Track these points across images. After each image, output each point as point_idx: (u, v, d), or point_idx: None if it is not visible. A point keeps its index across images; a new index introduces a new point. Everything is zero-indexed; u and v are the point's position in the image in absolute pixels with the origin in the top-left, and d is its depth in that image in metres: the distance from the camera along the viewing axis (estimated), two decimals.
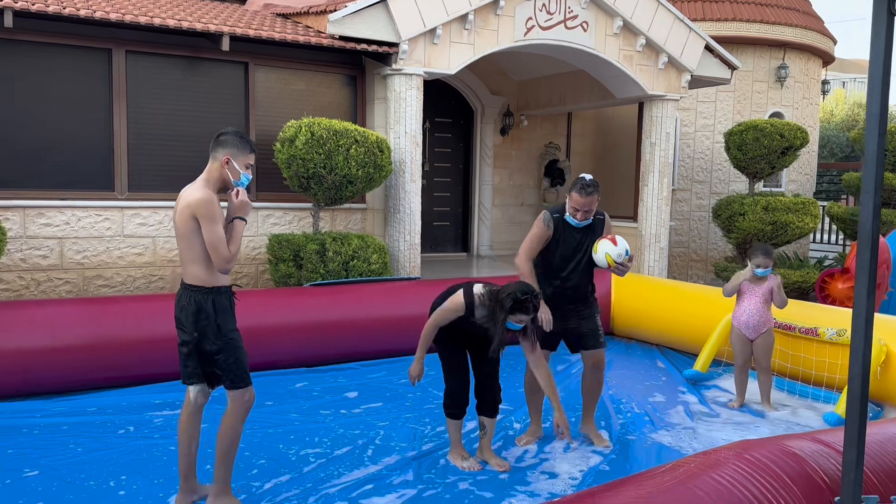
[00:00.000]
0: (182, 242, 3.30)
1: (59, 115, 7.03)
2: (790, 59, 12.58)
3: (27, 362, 5.07)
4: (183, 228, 3.27)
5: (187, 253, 3.30)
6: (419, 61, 7.86)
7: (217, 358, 3.33)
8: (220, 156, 3.33)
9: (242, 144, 3.36)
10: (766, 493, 2.28)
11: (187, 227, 3.25)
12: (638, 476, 2.38)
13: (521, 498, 3.78)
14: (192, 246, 3.27)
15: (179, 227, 3.29)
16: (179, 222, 3.28)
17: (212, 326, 3.30)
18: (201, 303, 3.29)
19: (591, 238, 4.45)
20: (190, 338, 3.32)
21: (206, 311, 3.29)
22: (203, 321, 3.29)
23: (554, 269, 4.49)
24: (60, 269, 6.99)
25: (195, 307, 3.29)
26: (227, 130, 3.41)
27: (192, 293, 3.30)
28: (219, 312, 3.32)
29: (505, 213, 11.99)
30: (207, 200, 3.21)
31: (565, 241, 4.44)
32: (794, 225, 9.56)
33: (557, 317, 4.41)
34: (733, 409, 5.43)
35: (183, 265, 3.35)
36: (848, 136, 25.78)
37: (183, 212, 3.25)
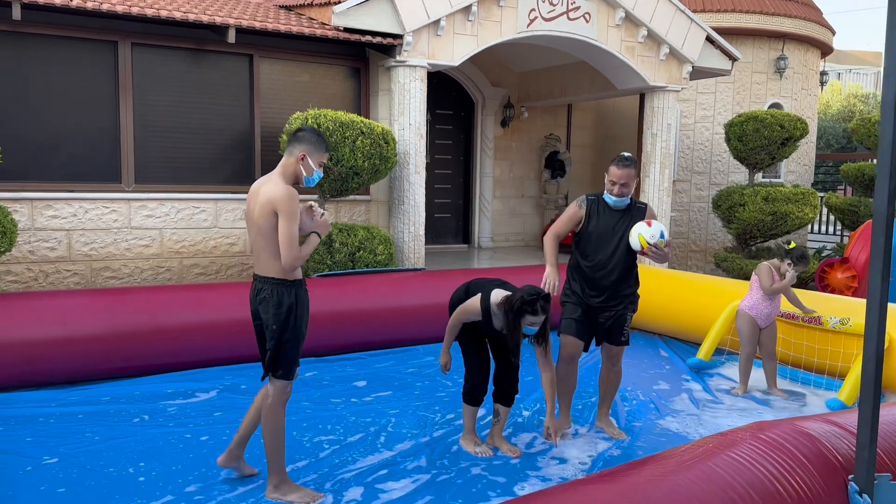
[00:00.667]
0: (260, 236, 3.35)
1: (66, 107, 7.05)
2: (789, 50, 12.64)
3: (40, 352, 5.12)
4: (263, 223, 3.32)
5: (266, 247, 3.34)
6: (423, 53, 7.89)
7: (285, 347, 3.40)
8: (296, 151, 3.40)
9: (319, 143, 3.44)
10: (783, 471, 2.35)
11: (269, 222, 3.30)
12: (658, 455, 2.45)
13: (532, 482, 3.85)
14: (272, 240, 3.32)
15: (259, 221, 3.33)
16: (259, 217, 3.32)
17: (290, 319, 3.37)
18: (283, 295, 3.36)
19: (628, 224, 4.23)
20: (267, 330, 3.40)
21: (288, 304, 3.36)
22: (284, 313, 3.35)
23: (586, 253, 4.31)
24: (68, 261, 7.03)
25: (277, 299, 3.35)
26: (305, 128, 3.49)
27: (273, 286, 3.36)
28: (299, 305, 3.40)
29: (505, 205, 12.05)
30: (290, 197, 3.27)
31: (599, 224, 4.26)
32: (793, 215, 9.64)
33: (587, 307, 4.34)
34: (737, 397, 5.52)
35: (258, 259, 3.40)
36: (846, 126, 25.89)
37: (265, 207, 3.30)
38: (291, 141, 3.44)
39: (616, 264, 4.27)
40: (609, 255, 4.26)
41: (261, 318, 3.45)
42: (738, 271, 9.63)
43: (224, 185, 7.79)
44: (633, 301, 4.42)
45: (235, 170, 7.89)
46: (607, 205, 4.31)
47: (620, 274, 4.29)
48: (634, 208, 4.33)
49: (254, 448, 3.93)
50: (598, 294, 4.33)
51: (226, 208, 7.73)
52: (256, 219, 3.35)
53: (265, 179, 3.44)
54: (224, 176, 7.83)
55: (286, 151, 3.44)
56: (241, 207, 7.82)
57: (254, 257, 3.46)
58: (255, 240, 3.40)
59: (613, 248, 4.25)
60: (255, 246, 3.41)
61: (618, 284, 4.31)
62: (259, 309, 3.43)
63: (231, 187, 7.81)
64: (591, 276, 4.32)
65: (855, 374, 5.22)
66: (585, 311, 4.37)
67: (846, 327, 5.66)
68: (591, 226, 4.29)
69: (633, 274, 4.39)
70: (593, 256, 4.29)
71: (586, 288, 4.35)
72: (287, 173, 3.40)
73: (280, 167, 3.43)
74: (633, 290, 4.42)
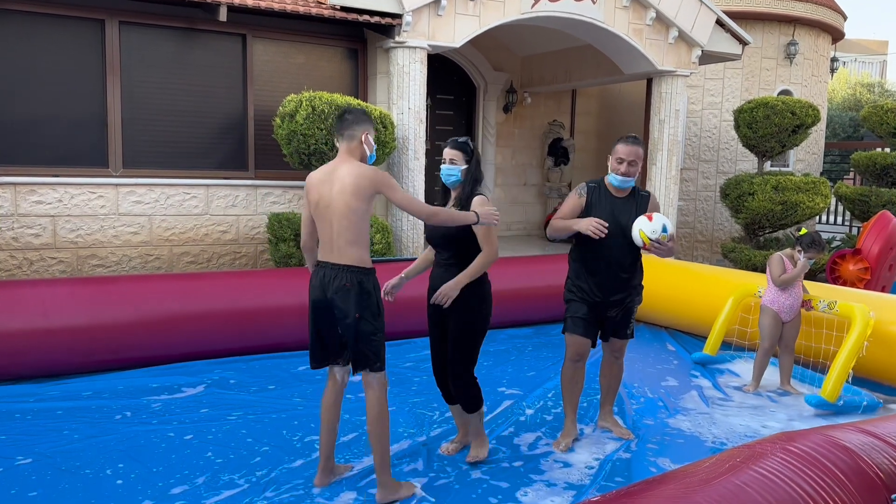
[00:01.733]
0: (343, 222, 3.27)
1: (51, 88, 6.77)
2: (800, 36, 12.32)
3: (19, 344, 4.88)
4: (351, 209, 3.25)
5: (349, 234, 3.27)
6: (423, 34, 7.60)
7: (373, 339, 3.31)
8: (358, 133, 3.37)
9: (371, 119, 3.46)
10: (819, 489, 2.11)
11: (359, 207, 3.26)
12: (681, 471, 2.20)
13: (536, 487, 3.62)
14: (357, 226, 3.28)
15: (351, 203, 3.25)
16: (353, 199, 3.25)
17: (373, 307, 3.30)
18: (364, 283, 3.28)
19: (629, 210, 3.97)
20: (347, 320, 3.27)
21: (369, 291, 3.29)
22: (365, 301, 3.27)
23: (589, 244, 3.95)
24: (53, 248, 6.78)
25: (359, 287, 3.26)
26: (352, 109, 3.44)
27: (353, 273, 3.27)
28: (377, 292, 3.35)
29: (507, 193, 11.78)
30: (384, 173, 3.30)
31: (600, 212, 3.95)
32: (804, 205, 9.37)
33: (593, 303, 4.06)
34: (747, 394, 5.28)
35: (335, 248, 3.30)
36: (853, 115, 25.55)
37: (363, 187, 3.25)
38: (345, 125, 3.38)
39: (620, 254, 3.98)
40: (612, 245, 3.94)
41: (336, 308, 3.29)
42: (745, 262, 9.37)
43: (216, 170, 7.53)
44: (639, 292, 4.18)
45: (228, 154, 7.62)
46: (609, 192, 4.04)
47: (625, 264, 4.02)
48: (638, 196, 4.06)
49: (242, 447, 3.69)
50: (603, 287, 4.03)
51: (218, 194, 7.47)
52: (347, 200, 3.25)
53: (335, 167, 3.35)
54: (216, 161, 7.56)
55: (343, 136, 3.38)
56: (233, 194, 7.56)
57: (325, 245, 3.34)
58: (331, 226, 3.29)
59: (618, 238, 3.93)
60: (330, 233, 3.30)
61: (623, 275, 4.03)
62: (335, 298, 3.28)
63: (223, 173, 7.55)
64: (595, 269, 4.03)
65: (837, 367, 4.84)
66: (591, 307, 4.08)
67: (833, 311, 5.35)
68: (592, 215, 3.97)
69: (638, 264, 4.12)
70: (596, 247, 3.95)
71: (591, 282, 4.05)
72: (355, 156, 3.38)
73: (345, 153, 3.38)
74: (639, 281, 4.16)
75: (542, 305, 7.03)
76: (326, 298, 3.31)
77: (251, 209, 7.66)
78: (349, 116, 3.38)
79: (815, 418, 4.76)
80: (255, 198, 7.67)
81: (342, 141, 3.39)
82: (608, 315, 4.12)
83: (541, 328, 7.01)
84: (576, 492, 3.59)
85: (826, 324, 5.54)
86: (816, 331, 5.57)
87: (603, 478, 3.76)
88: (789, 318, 5.29)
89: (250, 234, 7.69)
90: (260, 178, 7.72)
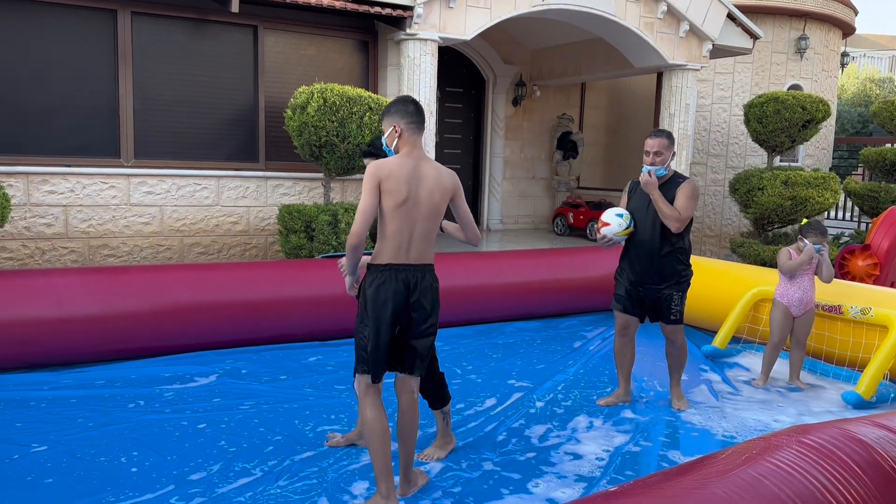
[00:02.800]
0: (431, 223, 3.20)
1: (63, 78, 6.80)
2: (810, 30, 12.26)
3: (33, 333, 4.91)
4: (439, 211, 3.21)
5: (432, 234, 3.23)
6: (434, 26, 7.59)
7: (431, 341, 3.29)
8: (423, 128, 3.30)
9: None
10: (834, 481, 2.12)
11: (444, 208, 3.23)
12: (698, 462, 2.21)
13: (548, 479, 3.64)
14: (437, 227, 3.26)
15: (440, 207, 3.21)
16: (442, 202, 3.21)
17: (438, 305, 3.29)
18: (437, 281, 3.29)
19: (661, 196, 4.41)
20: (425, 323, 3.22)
21: (438, 290, 3.29)
22: (437, 300, 3.28)
23: None
24: (65, 238, 6.81)
25: (437, 286, 3.27)
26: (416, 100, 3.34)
27: (432, 273, 3.25)
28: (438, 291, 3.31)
29: (516, 187, 11.77)
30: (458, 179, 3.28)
31: (635, 201, 4.53)
32: (813, 200, 9.33)
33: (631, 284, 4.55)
34: (757, 388, 5.29)
35: (419, 249, 3.18)
36: (866, 110, 25.41)
37: (447, 192, 3.22)
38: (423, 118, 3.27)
39: (647, 240, 4.42)
40: (641, 232, 4.45)
41: (421, 309, 3.17)
42: (754, 257, 9.35)
43: (227, 161, 7.55)
44: (677, 281, 4.48)
45: (239, 146, 7.64)
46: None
47: (653, 251, 4.42)
48: (670, 183, 4.45)
49: (255, 437, 3.72)
50: (635, 270, 4.52)
51: (228, 186, 7.50)
52: (437, 203, 3.18)
53: (417, 162, 3.18)
54: (227, 152, 7.59)
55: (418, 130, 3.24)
56: (243, 185, 7.58)
57: (402, 245, 3.13)
58: (419, 225, 3.15)
59: (644, 224, 4.44)
60: (412, 232, 3.14)
61: (652, 261, 4.43)
62: (422, 300, 3.17)
63: (234, 164, 7.57)
64: (632, 254, 4.54)
65: (875, 366, 4.96)
66: (630, 287, 4.58)
67: (867, 317, 5.39)
68: (630, 204, 4.55)
69: (670, 254, 4.43)
70: (634, 234, 4.49)
71: (628, 265, 4.58)
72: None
73: (421, 148, 3.26)
74: (679, 270, 4.47)
75: (550, 299, 7.04)
76: (410, 302, 3.14)
77: (261, 200, 7.68)
78: (420, 107, 3.27)
79: (825, 413, 4.76)
80: (265, 189, 7.70)
81: (417, 135, 3.21)
82: (643, 297, 4.54)
83: (549, 322, 7.02)
84: (586, 484, 3.61)
85: (852, 331, 5.51)
86: (842, 338, 5.55)
87: (613, 470, 3.77)
88: (799, 312, 5.28)
89: (260, 226, 7.72)
90: (270, 170, 7.74)
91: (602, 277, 7.23)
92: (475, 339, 6.27)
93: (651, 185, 4.37)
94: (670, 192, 4.39)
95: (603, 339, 6.45)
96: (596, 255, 7.49)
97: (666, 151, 4.37)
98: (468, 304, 6.60)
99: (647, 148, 4.42)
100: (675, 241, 4.40)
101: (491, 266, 6.85)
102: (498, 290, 6.75)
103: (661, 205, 4.32)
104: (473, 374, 5.32)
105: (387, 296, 3.11)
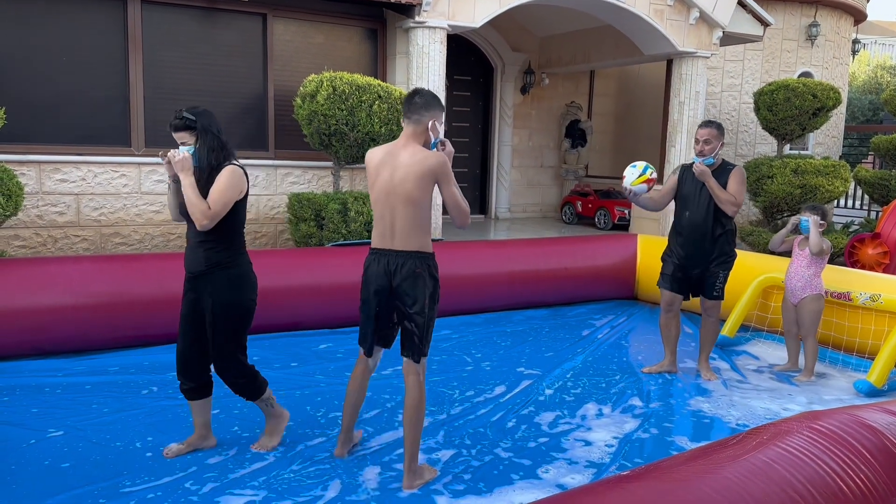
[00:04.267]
0: (408, 209, 3.21)
1: (74, 67, 6.83)
2: (821, 17, 12.17)
3: (47, 320, 4.96)
4: (418, 194, 3.20)
5: (414, 220, 3.23)
6: (443, 13, 7.58)
7: (428, 326, 3.30)
8: (426, 119, 3.27)
9: (441, 104, 3.36)
10: (845, 466, 2.14)
11: (425, 192, 3.21)
12: (710, 447, 2.24)
13: (558, 465, 3.67)
14: (421, 212, 3.24)
15: (412, 193, 3.19)
16: (415, 189, 3.19)
17: (436, 294, 3.31)
18: (431, 269, 3.28)
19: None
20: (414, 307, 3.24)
21: (434, 277, 3.29)
22: (429, 287, 3.26)
23: (677, 213, 4.97)
24: (77, 226, 6.86)
25: (428, 273, 3.26)
26: (423, 91, 3.32)
27: (421, 259, 3.25)
28: (437, 278, 3.32)
29: (524, 175, 11.77)
30: (445, 162, 3.21)
31: (685, 186, 4.88)
32: (823, 188, 9.30)
33: (679, 263, 4.92)
34: (765, 376, 5.30)
35: (398, 235, 3.24)
36: (876, 98, 25.21)
37: (424, 176, 3.18)
38: (414, 108, 3.26)
39: (700, 223, 4.79)
40: (694, 215, 4.80)
41: (405, 294, 3.24)
42: (763, 245, 9.33)
43: (237, 150, 7.55)
44: (724, 260, 4.87)
45: (248, 134, 7.67)
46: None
47: (705, 232, 4.80)
48: (721, 170, 4.78)
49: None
50: (686, 250, 4.89)
51: None
52: (408, 189, 3.19)
53: (393, 148, 3.27)
54: (236, 140, 7.61)
55: (411, 119, 3.26)
56: (253, 174, 7.61)
57: (385, 231, 3.26)
58: (396, 211, 3.22)
59: (697, 208, 4.79)
60: (393, 217, 3.23)
61: (704, 242, 4.82)
62: (403, 285, 3.23)
63: (244, 152, 7.59)
64: (681, 234, 4.91)
65: (886, 353, 4.95)
66: (677, 266, 4.95)
67: (877, 304, 5.38)
68: (680, 189, 4.91)
69: (722, 235, 4.81)
70: (682, 216, 4.88)
71: (677, 245, 4.94)
72: (419, 141, 3.28)
73: (412, 136, 3.27)
74: (725, 250, 4.85)
75: (559, 287, 7.06)
76: (391, 286, 3.25)
77: (271, 189, 7.71)
78: (419, 100, 3.27)
79: (836, 402, 4.77)
80: (274, 178, 7.72)
81: (409, 124, 3.27)
82: (691, 274, 4.92)
83: (557, 310, 7.04)
84: (596, 470, 3.64)
85: (861, 318, 5.50)
86: (850, 325, 5.56)
87: (623, 456, 3.80)
88: (795, 300, 5.28)
89: (270, 214, 7.75)
90: (280, 159, 7.76)
91: (610, 266, 7.24)
92: (484, 328, 6.30)
93: (706, 174, 4.67)
94: (721, 178, 4.73)
95: (611, 328, 6.47)
96: (604, 244, 7.50)
97: (715, 141, 4.69)
98: (477, 293, 6.63)
99: (698, 136, 4.73)
100: (726, 224, 4.80)
101: (499, 254, 6.87)
102: (506, 278, 6.77)
103: (717, 191, 4.67)
104: (482, 361, 5.35)
105: (370, 278, 3.32)
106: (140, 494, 3.20)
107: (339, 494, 3.27)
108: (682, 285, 5.00)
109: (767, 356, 5.77)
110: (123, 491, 3.22)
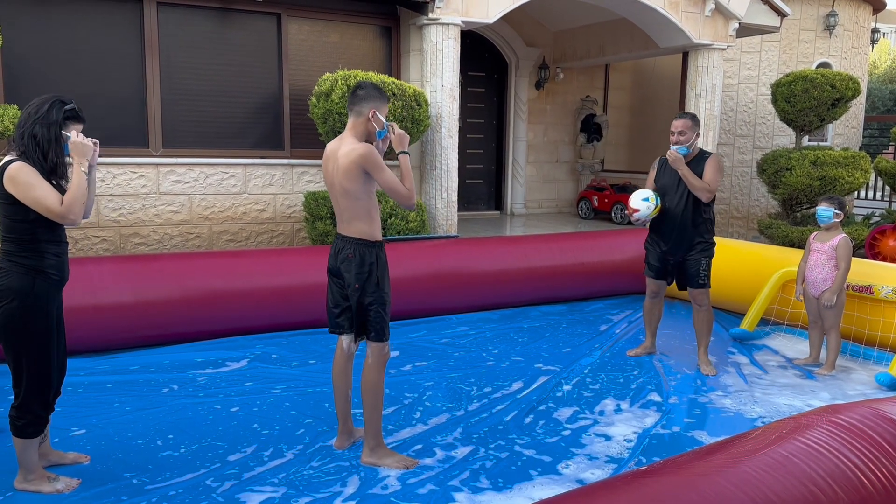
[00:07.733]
0: (345, 200, 3.40)
1: (92, 69, 6.90)
2: (839, 6, 12.00)
3: (68, 320, 4.98)
4: (349, 185, 3.35)
5: (351, 209, 3.40)
6: (456, 10, 7.57)
7: (370, 310, 3.46)
8: (365, 110, 3.41)
9: (382, 96, 3.47)
10: (866, 460, 2.12)
11: (355, 183, 3.34)
12: (729, 442, 2.22)
13: (578, 461, 3.66)
14: (357, 202, 3.38)
15: (344, 184, 3.37)
16: (345, 180, 3.35)
17: (372, 279, 3.43)
18: (366, 255, 3.42)
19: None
20: (349, 289, 3.44)
21: (370, 264, 3.42)
22: (365, 273, 3.42)
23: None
24: (97, 227, 6.94)
25: (359, 259, 3.41)
26: (365, 84, 3.46)
27: (356, 245, 3.42)
28: (380, 266, 3.47)
29: (539, 171, 11.73)
30: (371, 151, 3.32)
31: (663, 177, 5.02)
32: (843, 180, 9.18)
33: (660, 252, 5.07)
34: (786, 371, 5.26)
35: (343, 222, 3.46)
36: (893, 87, 24.83)
37: (350, 169, 3.32)
38: (355, 101, 3.43)
39: (679, 213, 4.90)
40: (672, 204, 4.92)
41: (342, 276, 3.48)
42: (782, 238, 9.24)
43: (253, 149, 7.63)
44: (705, 247, 4.97)
45: (264, 134, 7.71)
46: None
47: (684, 222, 4.91)
48: (698, 159, 4.89)
49: (286, 419, 3.80)
50: (665, 240, 5.03)
51: (255, 174, 7.57)
52: (341, 181, 3.37)
53: (338, 143, 3.47)
54: (253, 140, 7.66)
55: (352, 112, 3.43)
56: (270, 173, 7.66)
57: (338, 218, 3.51)
58: (338, 201, 3.45)
59: (676, 199, 4.90)
60: (338, 207, 3.47)
61: (683, 231, 4.93)
62: (341, 268, 3.47)
63: (260, 152, 7.65)
64: (664, 225, 5.01)
65: None
66: (659, 255, 5.10)
67: None
68: (659, 180, 5.04)
69: (701, 224, 4.93)
70: (662, 206, 4.96)
71: (657, 235, 5.08)
72: (358, 132, 3.43)
73: (350, 129, 3.44)
74: (704, 239, 4.97)
75: (576, 282, 7.04)
76: (337, 268, 3.49)
77: (287, 188, 7.75)
78: (360, 92, 3.42)
79: (859, 397, 4.72)
80: (291, 177, 7.76)
81: (351, 116, 3.44)
82: (673, 263, 5.05)
83: (575, 305, 7.02)
84: (616, 465, 3.63)
85: (883, 311, 5.44)
86: (872, 318, 5.50)
87: (641, 451, 3.79)
88: (816, 292, 5.24)
89: (287, 213, 7.79)
90: (296, 157, 7.80)
91: (627, 260, 7.20)
92: (501, 324, 6.30)
93: (678, 161, 4.79)
94: (698, 166, 4.85)
95: (629, 323, 6.44)
96: (621, 239, 7.46)
97: (689, 131, 4.81)
98: (493, 289, 6.63)
99: (672, 128, 4.88)
100: (704, 213, 4.90)
101: (516, 250, 6.86)
102: (523, 274, 6.76)
103: (690, 179, 4.78)
104: (500, 357, 5.35)
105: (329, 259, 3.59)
106: (162, 491, 3.23)
107: (357, 490, 3.29)
108: (666, 273, 5.17)
109: (787, 350, 5.71)
110: (146, 488, 3.26)
